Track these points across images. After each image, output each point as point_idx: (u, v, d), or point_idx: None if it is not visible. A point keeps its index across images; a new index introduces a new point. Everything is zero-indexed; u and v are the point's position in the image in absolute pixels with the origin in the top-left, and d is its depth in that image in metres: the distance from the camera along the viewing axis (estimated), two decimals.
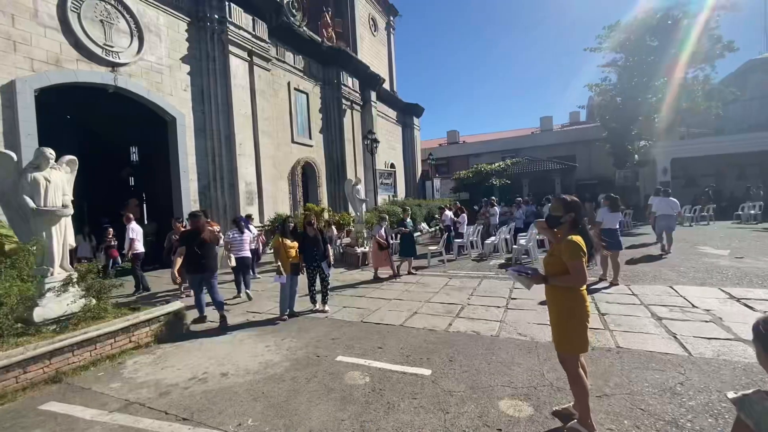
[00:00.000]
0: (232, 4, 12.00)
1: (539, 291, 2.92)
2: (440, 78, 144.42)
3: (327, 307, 6.00)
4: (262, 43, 13.24)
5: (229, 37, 11.85)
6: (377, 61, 23.90)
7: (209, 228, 5.86)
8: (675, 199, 9.48)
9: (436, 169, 30.72)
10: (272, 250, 6.53)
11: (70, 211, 4.40)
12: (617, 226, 7.31)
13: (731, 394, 1.32)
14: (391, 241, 8.74)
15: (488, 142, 33.95)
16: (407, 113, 27.31)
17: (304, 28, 16.22)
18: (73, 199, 4.60)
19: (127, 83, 9.78)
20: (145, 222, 13.25)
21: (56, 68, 8.50)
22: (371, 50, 23.23)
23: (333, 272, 9.13)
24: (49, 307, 4.13)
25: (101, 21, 9.25)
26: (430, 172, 26.28)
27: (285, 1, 15.21)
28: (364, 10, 22.64)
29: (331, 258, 6.29)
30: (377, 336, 4.72)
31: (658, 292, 6.02)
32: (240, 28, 12.27)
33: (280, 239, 5.86)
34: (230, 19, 11.89)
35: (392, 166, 24.74)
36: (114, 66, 9.51)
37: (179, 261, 5.26)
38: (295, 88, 15.68)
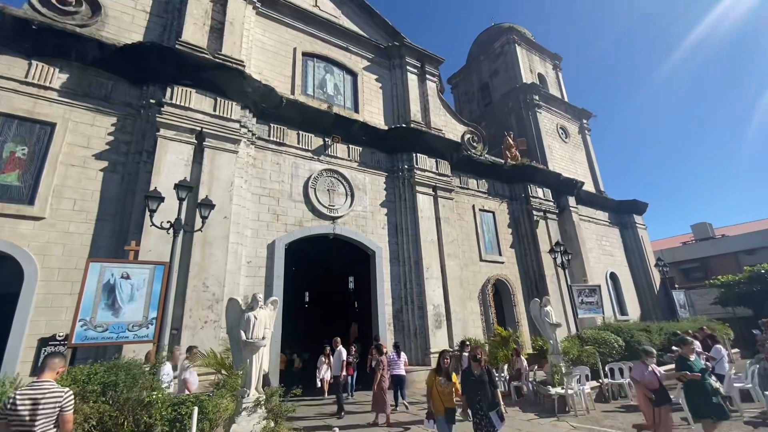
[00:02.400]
0: (419, 155, 14.48)
1: None
2: (670, 162, 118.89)
3: None
4: (445, 178, 14.95)
5: (416, 179, 14.03)
6: (573, 165, 22.53)
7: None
8: None
9: (684, 275, 23.49)
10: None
11: (266, 342, 5.65)
12: None
13: None
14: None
15: (766, 231, 24.07)
16: (623, 212, 23.34)
17: (486, 155, 17.48)
18: (272, 330, 5.92)
19: (341, 230, 12.67)
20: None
21: (299, 228, 12.01)
22: (563, 156, 22.30)
23: (522, 417, 7.63)
24: (242, 425, 5.09)
25: (328, 190, 12.83)
26: (673, 281, 20.10)
27: (465, 138, 17.20)
28: (550, 123, 22.73)
29: (503, 407, 5.20)
30: None
31: None
32: (425, 170, 14.43)
33: (434, 376, 5.51)
34: (417, 166, 14.25)
35: (612, 276, 20.55)
36: (334, 219, 12.65)
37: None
38: (480, 209, 16.34)
